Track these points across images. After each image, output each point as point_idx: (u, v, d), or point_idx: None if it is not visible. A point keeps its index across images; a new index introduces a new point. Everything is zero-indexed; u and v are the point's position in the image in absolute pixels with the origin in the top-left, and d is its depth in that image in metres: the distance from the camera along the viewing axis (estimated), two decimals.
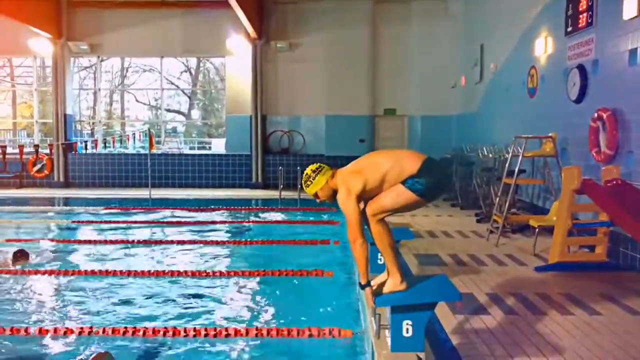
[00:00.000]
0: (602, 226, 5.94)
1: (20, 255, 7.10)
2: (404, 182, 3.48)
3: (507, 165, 7.82)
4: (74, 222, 10.57)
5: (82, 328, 4.69)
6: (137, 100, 30.00)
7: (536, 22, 9.12)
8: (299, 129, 16.31)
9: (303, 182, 3.72)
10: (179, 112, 30.61)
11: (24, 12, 14.41)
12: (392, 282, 3.56)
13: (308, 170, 3.70)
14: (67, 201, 13.75)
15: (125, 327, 4.69)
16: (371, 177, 3.53)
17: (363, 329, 4.52)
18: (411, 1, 15.63)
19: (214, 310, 5.45)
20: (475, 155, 11.10)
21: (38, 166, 16.21)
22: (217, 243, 8.50)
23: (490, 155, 10.07)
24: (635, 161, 6.06)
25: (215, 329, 4.65)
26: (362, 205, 3.61)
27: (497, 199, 8.09)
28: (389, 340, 3.53)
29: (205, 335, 4.57)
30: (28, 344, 4.57)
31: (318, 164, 3.72)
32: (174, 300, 5.77)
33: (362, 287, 3.62)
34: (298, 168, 13.67)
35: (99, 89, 18.71)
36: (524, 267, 6.17)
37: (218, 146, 22.23)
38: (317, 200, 3.75)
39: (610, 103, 6.57)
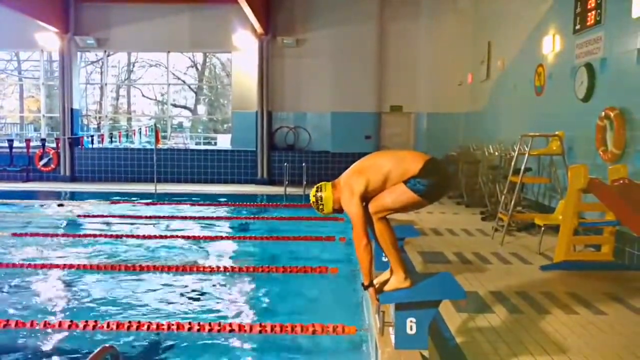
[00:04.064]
0: (609, 225, 5.92)
1: None
2: (406, 182, 3.47)
3: (513, 163, 7.79)
4: (79, 216, 10.61)
5: (86, 322, 4.70)
6: (143, 95, 30.08)
7: (544, 20, 9.07)
8: (305, 126, 16.30)
9: (316, 209, 3.75)
10: (185, 107, 30.67)
11: (31, 6, 14.47)
12: (396, 280, 3.55)
13: (312, 198, 3.73)
14: (73, 195, 13.80)
15: (130, 322, 4.71)
16: (373, 178, 3.52)
17: (367, 326, 4.52)
18: None
19: (218, 306, 5.46)
20: (482, 153, 11.07)
21: (45, 160, 16.28)
22: (221, 238, 8.52)
23: (497, 153, 10.05)
24: None
25: (219, 324, 4.65)
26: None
27: (503, 197, 8.06)
28: (392, 337, 3.53)
29: (210, 330, 4.58)
30: (33, 337, 4.59)
31: (314, 187, 3.74)
32: (178, 295, 5.79)
33: (365, 287, 3.62)
34: (303, 164, 13.69)
35: (106, 84, 18.76)
36: (529, 265, 6.16)
37: (224, 142, 22.26)
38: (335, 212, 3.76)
39: (617, 102, 6.53)
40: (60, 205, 11.51)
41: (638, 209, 5.05)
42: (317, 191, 3.69)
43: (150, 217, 10.23)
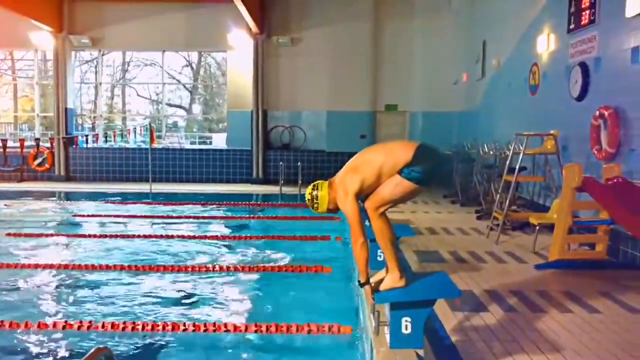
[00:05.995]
0: (603, 224, 5.93)
1: None
2: (400, 172, 3.48)
3: (507, 162, 7.80)
4: (74, 215, 10.58)
5: (81, 322, 4.69)
6: (138, 95, 29.98)
7: (538, 19, 9.09)
8: (300, 125, 16.30)
9: (311, 207, 3.70)
10: (180, 106, 30.59)
11: (25, 5, 14.40)
12: (391, 279, 3.55)
13: (307, 196, 3.69)
14: (68, 195, 13.75)
15: (124, 322, 4.70)
16: (367, 174, 3.53)
17: (362, 325, 4.52)
18: None
19: (213, 306, 5.46)
20: (476, 152, 11.08)
21: (39, 160, 16.21)
22: (216, 238, 8.51)
23: (491, 152, 10.05)
24: (636, 159, 6.05)
25: (214, 325, 4.65)
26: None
27: (498, 196, 8.08)
28: (387, 337, 3.53)
29: (205, 330, 4.57)
30: (27, 338, 4.57)
31: (311, 185, 3.72)
32: (173, 295, 5.78)
33: (361, 285, 3.62)
34: (299, 164, 13.69)
35: (100, 83, 18.69)
36: (523, 264, 6.17)
37: (219, 141, 22.22)
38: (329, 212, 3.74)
39: (612, 101, 6.55)
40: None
41: (632, 208, 5.07)
42: (313, 189, 3.68)
43: (145, 217, 10.21)
